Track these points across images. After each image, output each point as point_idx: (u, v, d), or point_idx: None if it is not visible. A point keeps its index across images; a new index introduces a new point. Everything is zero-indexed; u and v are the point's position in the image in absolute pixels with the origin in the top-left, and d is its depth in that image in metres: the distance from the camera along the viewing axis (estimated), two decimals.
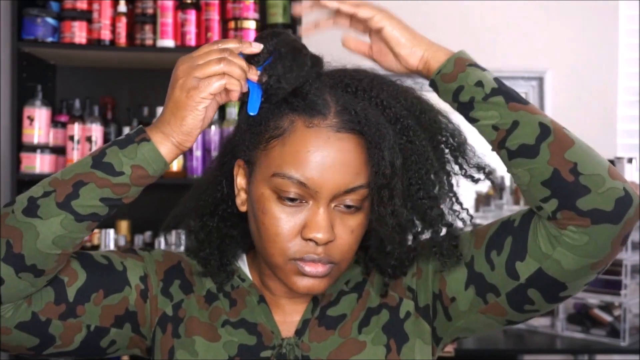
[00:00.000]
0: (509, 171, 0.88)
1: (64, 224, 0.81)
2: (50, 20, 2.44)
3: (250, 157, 0.89)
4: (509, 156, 0.87)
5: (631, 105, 2.92)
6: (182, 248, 2.55)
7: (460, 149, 0.96)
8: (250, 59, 0.86)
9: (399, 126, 0.89)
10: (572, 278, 0.83)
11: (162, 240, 2.44)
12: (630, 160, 2.40)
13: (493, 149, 0.90)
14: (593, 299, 2.38)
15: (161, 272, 0.96)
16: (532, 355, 2.67)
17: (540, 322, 2.44)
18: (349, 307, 0.93)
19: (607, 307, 2.36)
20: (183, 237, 2.68)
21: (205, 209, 0.97)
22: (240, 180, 0.92)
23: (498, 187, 0.90)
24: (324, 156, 0.84)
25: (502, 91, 0.88)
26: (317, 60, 0.89)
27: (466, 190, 1.03)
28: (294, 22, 2.54)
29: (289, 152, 0.84)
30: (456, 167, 0.94)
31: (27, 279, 0.82)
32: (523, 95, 0.89)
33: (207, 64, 0.84)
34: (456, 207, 0.92)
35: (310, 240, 0.85)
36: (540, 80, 2.86)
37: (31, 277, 0.82)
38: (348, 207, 0.86)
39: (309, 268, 0.86)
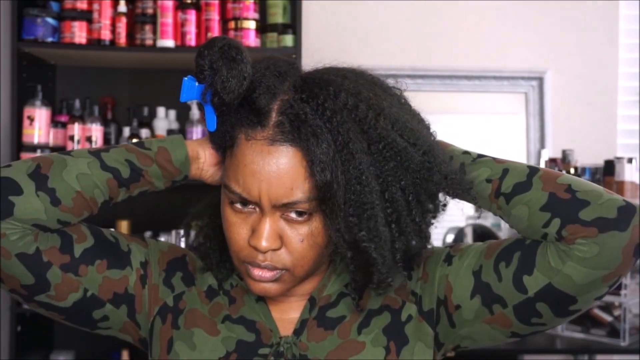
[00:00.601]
0: (509, 221, 0.88)
1: (90, 165, 0.89)
2: (50, 20, 2.44)
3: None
4: (507, 200, 0.87)
5: (631, 105, 2.92)
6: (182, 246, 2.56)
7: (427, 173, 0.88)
8: (196, 76, 0.86)
9: (368, 137, 0.84)
10: (584, 292, 0.82)
11: (162, 240, 2.44)
12: (630, 160, 2.40)
13: (492, 209, 0.90)
14: None
15: (164, 263, 0.97)
16: (532, 355, 2.67)
17: None
18: (348, 309, 0.93)
19: (607, 307, 2.36)
20: (183, 238, 2.69)
21: (214, 207, 0.98)
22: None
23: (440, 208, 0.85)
24: (257, 170, 0.84)
25: (486, 155, 0.92)
26: (274, 66, 0.87)
27: None
28: (294, 22, 2.54)
29: (231, 165, 0.87)
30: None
31: (43, 201, 0.85)
32: (523, 96, 0.89)
33: None
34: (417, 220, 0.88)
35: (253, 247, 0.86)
36: (540, 80, 2.86)
37: (47, 200, 0.85)
38: (299, 213, 0.85)
39: (255, 272, 0.87)
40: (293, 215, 0.85)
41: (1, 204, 0.83)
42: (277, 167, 0.83)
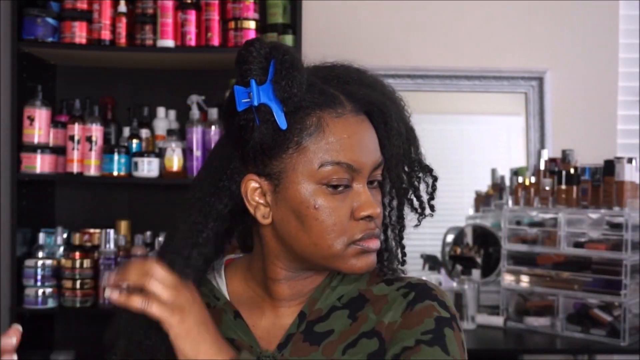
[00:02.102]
0: None
1: None
2: (50, 20, 2.44)
3: (273, 167, 0.90)
4: None
5: (631, 105, 2.92)
6: None
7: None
8: (248, 76, 0.86)
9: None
10: None
11: (162, 240, 2.44)
12: (630, 160, 2.40)
13: None
14: (593, 299, 2.38)
15: None
16: (532, 355, 2.67)
17: (540, 322, 2.44)
18: (337, 324, 0.93)
19: (607, 307, 2.36)
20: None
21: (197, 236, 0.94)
22: (254, 195, 0.92)
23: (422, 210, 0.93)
24: (360, 138, 0.90)
25: None
26: None
27: (466, 190, 1.04)
28: (294, 22, 2.54)
29: (329, 143, 0.89)
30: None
31: None
32: (523, 96, 0.91)
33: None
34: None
35: (366, 217, 0.90)
36: (540, 80, 2.86)
37: None
38: (371, 183, 0.93)
39: (372, 244, 0.91)
40: (369, 185, 0.92)
41: None
42: (370, 132, 0.92)
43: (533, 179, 2.62)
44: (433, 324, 0.90)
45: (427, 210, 0.98)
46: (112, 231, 2.47)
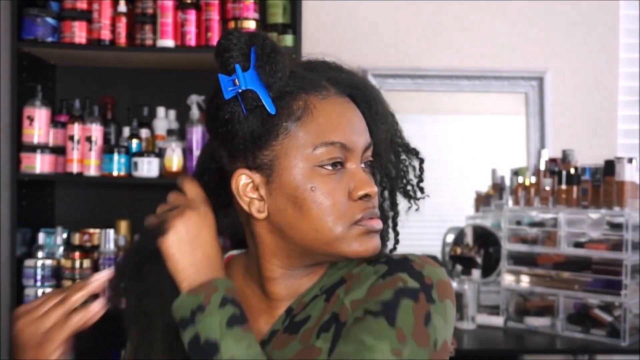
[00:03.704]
0: None
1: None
2: (50, 20, 2.44)
3: (263, 158, 0.89)
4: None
5: (631, 105, 2.92)
6: None
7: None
8: (228, 64, 0.86)
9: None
10: None
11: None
12: (630, 160, 2.40)
13: None
14: (593, 299, 2.38)
15: None
16: (532, 355, 2.67)
17: (540, 322, 2.44)
18: (314, 309, 0.92)
19: (607, 307, 2.36)
20: None
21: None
22: (246, 190, 0.91)
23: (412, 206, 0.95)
24: (349, 118, 0.91)
25: None
26: None
27: (466, 190, 1.04)
28: (294, 22, 2.54)
29: (319, 124, 0.89)
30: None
31: None
32: (523, 96, 0.91)
33: (46, 314, 0.92)
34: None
35: (364, 197, 0.89)
36: (540, 80, 2.86)
37: None
38: (365, 164, 0.93)
39: (374, 223, 0.90)
40: (362, 165, 0.92)
41: None
42: (356, 112, 0.92)
43: (533, 179, 2.62)
44: (391, 294, 0.84)
45: (419, 194, 0.99)
46: (112, 231, 2.47)
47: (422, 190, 1.00)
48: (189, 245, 0.89)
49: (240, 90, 0.86)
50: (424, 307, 0.84)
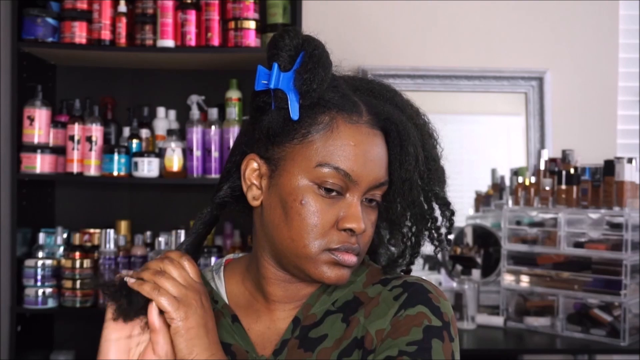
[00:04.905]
0: None
1: None
2: (50, 20, 2.44)
3: (274, 153, 0.91)
4: None
5: (631, 105, 2.92)
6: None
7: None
8: (274, 60, 0.88)
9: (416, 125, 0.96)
10: None
11: (162, 240, 2.44)
12: (630, 160, 2.40)
13: None
14: (593, 299, 2.38)
15: None
16: (532, 355, 2.67)
17: (540, 322, 2.44)
18: (331, 329, 0.92)
19: (607, 307, 2.36)
20: (182, 237, 2.69)
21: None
22: (251, 175, 0.93)
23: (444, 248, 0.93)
24: (366, 150, 0.89)
25: None
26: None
27: (466, 190, 1.04)
28: (294, 22, 2.54)
29: (333, 145, 0.88)
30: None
31: None
32: (523, 96, 0.91)
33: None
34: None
35: (348, 230, 0.89)
36: (540, 80, 2.86)
37: None
38: (370, 201, 0.92)
39: (346, 257, 0.89)
40: (366, 202, 0.91)
41: None
42: (379, 148, 0.91)
43: (533, 179, 2.62)
44: (420, 334, 0.88)
45: (445, 245, 0.97)
46: (112, 231, 2.47)
47: (448, 242, 0.98)
48: (197, 337, 0.85)
49: (270, 87, 0.88)
50: (448, 346, 0.89)
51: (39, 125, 2.44)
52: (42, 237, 2.49)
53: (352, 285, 0.96)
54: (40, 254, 2.43)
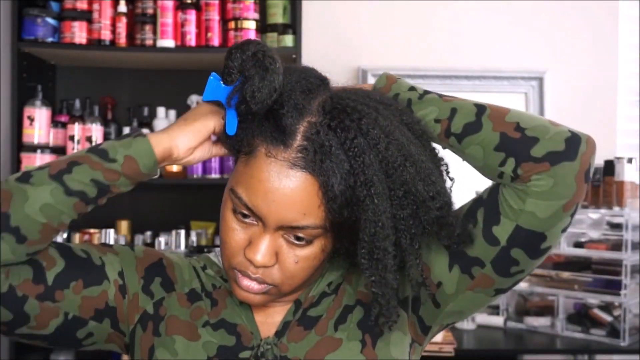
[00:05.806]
0: (463, 158, 0.90)
1: (54, 194, 0.83)
2: (50, 20, 2.44)
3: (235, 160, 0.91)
4: (458, 139, 0.88)
5: (631, 105, 2.92)
6: (182, 248, 2.55)
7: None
8: (223, 77, 0.85)
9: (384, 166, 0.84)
10: (549, 225, 0.84)
11: (162, 240, 2.44)
12: (630, 160, 2.40)
13: (443, 145, 0.91)
14: (593, 299, 2.38)
15: (142, 269, 0.95)
16: (532, 355, 2.67)
17: (540, 322, 2.44)
18: (327, 309, 0.94)
19: (607, 307, 2.36)
20: (182, 237, 2.68)
21: None
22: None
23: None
24: (272, 190, 0.83)
25: (433, 91, 0.93)
26: (312, 82, 0.87)
27: (466, 190, 1.03)
28: (294, 22, 2.54)
29: (244, 174, 0.85)
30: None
31: (8, 241, 0.82)
32: (523, 96, 0.91)
33: None
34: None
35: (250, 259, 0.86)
36: (540, 80, 2.86)
37: (13, 241, 0.82)
38: (298, 238, 0.86)
39: (244, 282, 0.88)
40: (293, 237, 0.86)
41: None
42: (292, 191, 0.83)
43: None
44: None
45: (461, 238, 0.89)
46: (112, 231, 2.47)
47: (464, 237, 0.87)
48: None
49: (212, 99, 0.86)
50: None
51: (39, 125, 2.44)
52: None
53: (343, 271, 0.98)
54: None
